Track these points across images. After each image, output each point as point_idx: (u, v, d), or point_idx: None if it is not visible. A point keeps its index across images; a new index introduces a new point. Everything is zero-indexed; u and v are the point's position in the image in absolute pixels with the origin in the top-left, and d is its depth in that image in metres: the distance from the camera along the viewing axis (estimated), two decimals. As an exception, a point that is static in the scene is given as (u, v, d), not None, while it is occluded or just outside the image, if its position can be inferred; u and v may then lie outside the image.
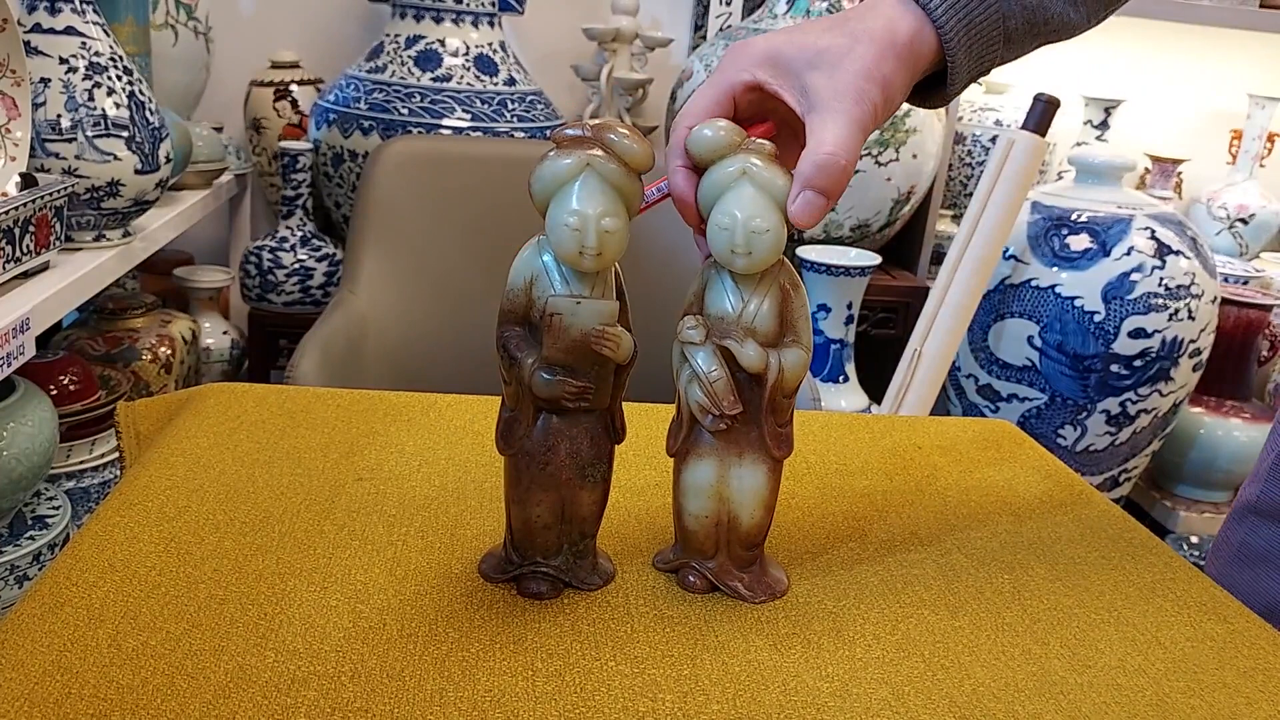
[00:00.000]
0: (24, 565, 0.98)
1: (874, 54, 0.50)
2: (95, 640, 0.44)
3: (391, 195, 1.27)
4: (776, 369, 0.49)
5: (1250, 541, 0.73)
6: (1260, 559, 0.72)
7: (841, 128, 0.48)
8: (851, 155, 0.49)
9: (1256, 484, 0.74)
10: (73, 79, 0.98)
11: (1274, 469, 0.72)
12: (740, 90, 0.51)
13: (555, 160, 0.46)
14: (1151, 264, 1.43)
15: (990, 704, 0.46)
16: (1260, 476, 0.73)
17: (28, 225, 0.87)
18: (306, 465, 0.63)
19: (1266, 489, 0.72)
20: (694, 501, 0.51)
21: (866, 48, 0.50)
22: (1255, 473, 0.75)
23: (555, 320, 0.47)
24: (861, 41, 0.50)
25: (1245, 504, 0.74)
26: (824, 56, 0.50)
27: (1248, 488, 0.75)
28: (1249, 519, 0.74)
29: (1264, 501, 0.72)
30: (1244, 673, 0.50)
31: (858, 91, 0.49)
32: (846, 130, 0.48)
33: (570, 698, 0.43)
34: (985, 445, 0.77)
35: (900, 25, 0.51)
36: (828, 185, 0.48)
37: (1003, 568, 0.58)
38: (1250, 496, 0.74)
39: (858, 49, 0.50)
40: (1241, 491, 0.76)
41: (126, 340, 1.37)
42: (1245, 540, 0.73)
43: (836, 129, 0.48)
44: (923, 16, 0.51)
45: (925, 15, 0.51)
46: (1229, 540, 0.75)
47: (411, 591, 0.50)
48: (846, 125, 0.48)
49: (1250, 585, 0.71)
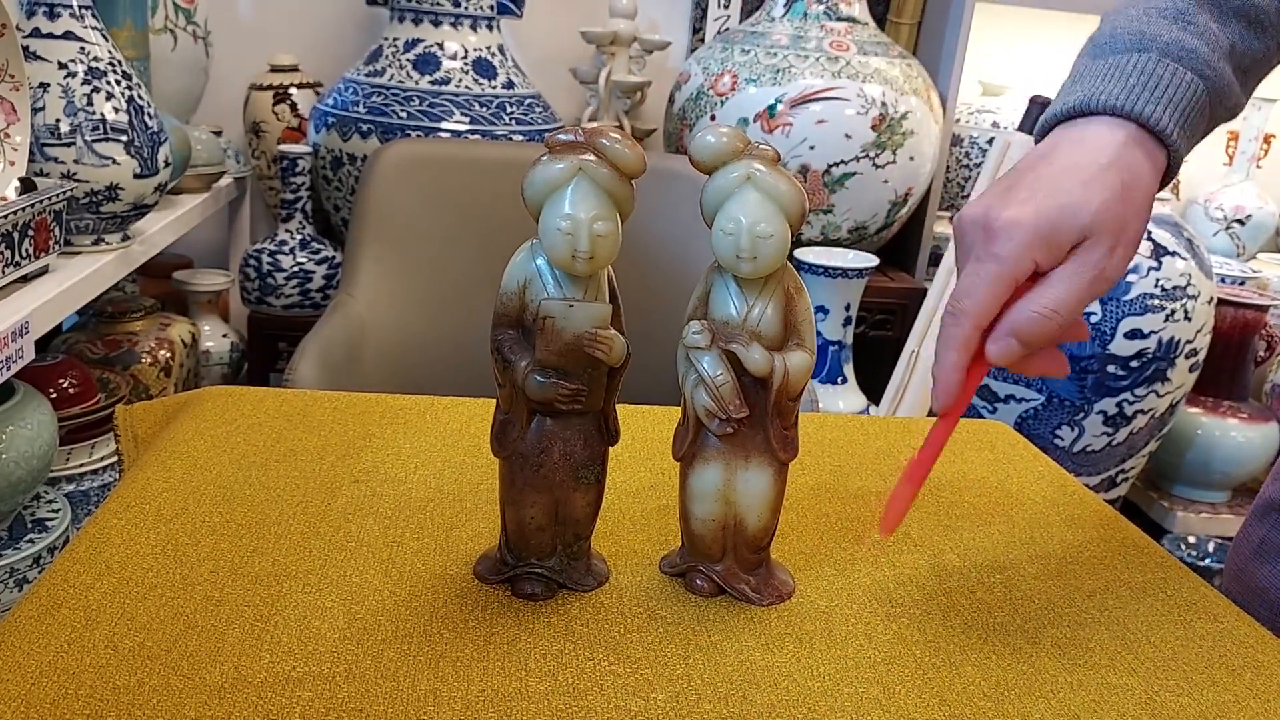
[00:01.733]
0: (23, 568, 0.99)
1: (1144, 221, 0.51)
2: (92, 641, 0.45)
3: (390, 198, 1.28)
4: (782, 372, 0.49)
5: (1270, 538, 0.73)
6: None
7: (1072, 292, 0.49)
8: (1069, 318, 0.50)
9: (1277, 481, 0.74)
10: (71, 84, 0.99)
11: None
12: (1025, 276, 0.50)
13: (548, 165, 0.46)
14: (1148, 265, 1.43)
15: (981, 703, 0.46)
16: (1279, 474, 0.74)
17: (27, 229, 0.87)
18: (303, 467, 0.63)
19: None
20: (701, 505, 0.52)
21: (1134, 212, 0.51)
22: (1276, 470, 0.76)
23: (548, 323, 0.47)
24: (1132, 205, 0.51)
25: (1266, 501, 0.75)
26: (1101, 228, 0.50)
27: (1269, 485, 0.76)
28: (1271, 515, 0.74)
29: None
30: (1233, 671, 0.50)
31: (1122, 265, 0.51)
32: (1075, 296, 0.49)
33: (563, 698, 0.44)
34: (979, 446, 0.77)
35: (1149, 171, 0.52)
36: (1033, 339, 0.49)
37: (994, 567, 0.59)
38: (1272, 494, 0.75)
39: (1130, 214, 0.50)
40: (1263, 489, 0.76)
41: (126, 343, 1.38)
42: (1266, 536, 0.73)
43: (1064, 290, 0.49)
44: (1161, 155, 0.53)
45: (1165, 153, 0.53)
46: (1249, 537, 0.75)
47: (406, 593, 0.51)
48: (1078, 291, 0.49)
49: (1270, 580, 0.72)
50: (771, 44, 1.59)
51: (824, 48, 1.58)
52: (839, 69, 1.55)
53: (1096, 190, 0.50)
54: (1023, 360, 0.50)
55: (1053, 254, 0.50)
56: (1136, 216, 0.51)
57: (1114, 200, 0.50)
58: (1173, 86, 0.53)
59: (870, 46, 1.60)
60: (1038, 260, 0.50)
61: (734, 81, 1.59)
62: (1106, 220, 0.50)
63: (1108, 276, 0.50)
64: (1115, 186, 0.50)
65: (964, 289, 0.50)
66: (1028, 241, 0.49)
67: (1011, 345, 0.49)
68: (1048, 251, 0.50)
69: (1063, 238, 0.49)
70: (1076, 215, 0.49)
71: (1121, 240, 0.50)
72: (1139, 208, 0.51)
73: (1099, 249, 0.49)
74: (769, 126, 1.55)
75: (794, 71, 1.55)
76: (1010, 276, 0.50)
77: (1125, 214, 0.50)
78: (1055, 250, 0.50)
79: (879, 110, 1.55)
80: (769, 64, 1.57)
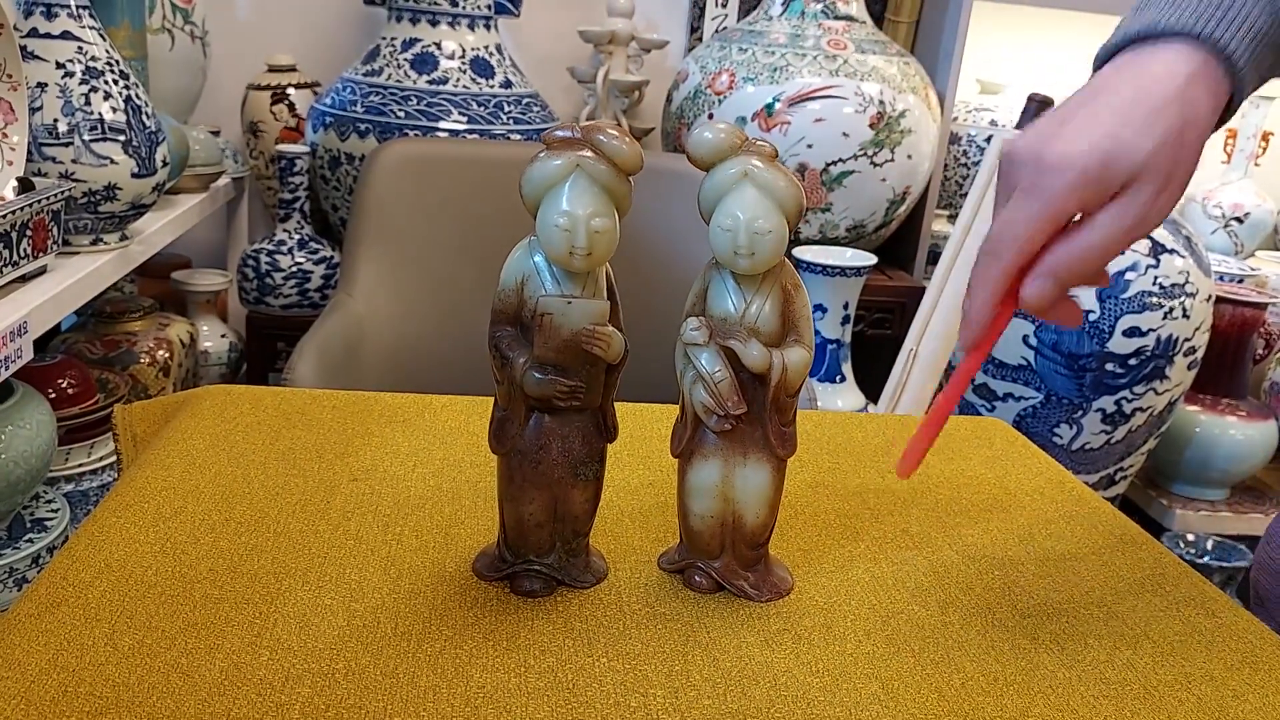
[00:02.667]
0: (23, 568, 0.99)
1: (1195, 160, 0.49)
2: (92, 639, 0.45)
3: (388, 198, 1.28)
4: (780, 368, 0.49)
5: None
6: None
7: (1115, 235, 0.48)
8: (1109, 260, 0.49)
9: None
10: (69, 83, 0.99)
11: None
12: (1070, 214, 0.48)
13: (545, 161, 0.46)
14: (1146, 263, 1.43)
15: (979, 698, 0.46)
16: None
17: (25, 229, 0.87)
18: (302, 466, 0.63)
19: None
20: (699, 502, 0.52)
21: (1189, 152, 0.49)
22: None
23: (546, 320, 0.47)
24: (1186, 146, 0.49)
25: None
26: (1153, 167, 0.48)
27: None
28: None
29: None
30: (1231, 666, 0.50)
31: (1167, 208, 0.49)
32: (1117, 240, 0.48)
33: (562, 694, 0.44)
34: (978, 443, 0.77)
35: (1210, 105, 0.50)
36: (1071, 281, 0.48)
37: (993, 563, 0.59)
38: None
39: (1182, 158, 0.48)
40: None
41: (124, 343, 1.38)
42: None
43: (1107, 233, 0.48)
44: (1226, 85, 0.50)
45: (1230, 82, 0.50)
46: (1276, 531, 0.76)
47: (405, 590, 0.51)
48: (1121, 235, 0.48)
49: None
50: (769, 43, 1.59)
51: (822, 46, 1.58)
52: (837, 67, 1.55)
53: (1156, 129, 0.48)
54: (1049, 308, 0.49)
55: (1101, 194, 0.48)
56: (1189, 159, 0.49)
57: (1170, 141, 0.48)
58: (1242, 8, 0.49)
59: (868, 45, 1.60)
60: (1085, 199, 0.48)
61: (732, 80, 1.59)
62: (1160, 162, 0.48)
63: (1151, 221, 0.49)
64: (1174, 126, 0.48)
65: (1006, 224, 0.49)
66: (1078, 180, 0.48)
67: (1048, 286, 0.48)
68: (1096, 192, 0.48)
69: (1114, 178, 0.48)
70: (1131, 155, 0.48)
71: (1170, 184, 0.48)
72: (1192, 149, 0.49)
73: (1146, 192, 0.48)
74: (767, 125, 1.55)
75: (792, 70, 1.55)
76: (1058, 214, 0.48)
77: (1179, 156, 0.48)
78: (1105, 190, 0.48)
79: (877, 109, 1.55)
80: (767, 63, 1.57)
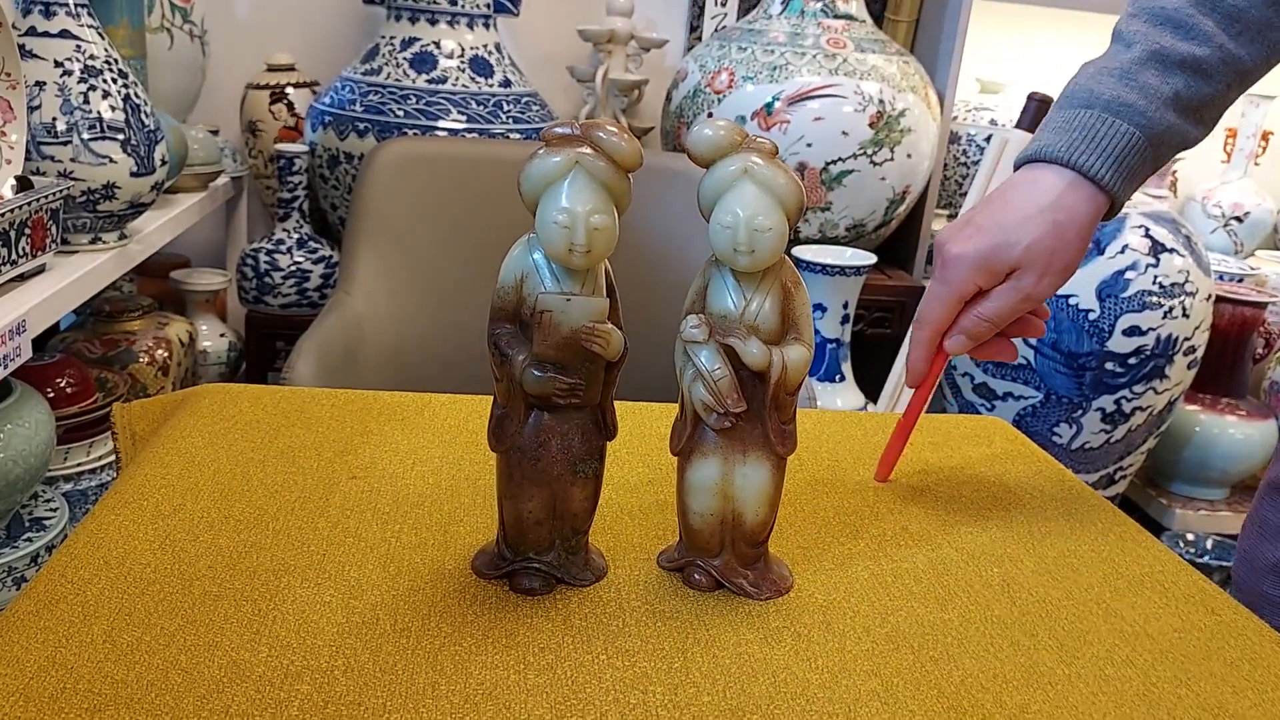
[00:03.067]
0: (21, 567, 0.99)
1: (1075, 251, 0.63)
2: (90, 636, 0.45)
3: (387, 197, 1.28)
4: (780, 366, 0.49)
5: (1269, 517, 0.75)
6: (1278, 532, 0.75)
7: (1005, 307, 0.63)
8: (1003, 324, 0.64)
9: (1277, 462, 0.78)
10: (68, 82, 0.98)
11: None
12: (969, 296, 0.64)
13: (544, 158, 0.46)
14: (1146, 262, 1.43)
15: (979, 695, 0.46)
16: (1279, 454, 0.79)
17: (23, 228, 0.87)
18: (300, 464, 0.63)
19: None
20: (699, 500, 0.52)
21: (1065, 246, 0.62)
22: (1277, 451, 0.80)
23: (546, 317, 0.47)
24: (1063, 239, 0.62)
25: (1269, 482, 0.79)
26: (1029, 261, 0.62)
27: (1273, 467, 0.79)
28: (1270, 495, 0.76)
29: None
30: (1230, 663, 0.50)
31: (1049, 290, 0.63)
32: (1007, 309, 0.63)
33: (561, 691, 0.44)
34: (978, 441, 0.77)
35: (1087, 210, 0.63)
36: (976, 337, 0.64)
37: (992, 561, 0.59)
38: (1273, 475, 0.77)
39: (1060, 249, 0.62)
40: (1268, 471, 0.80)
41: (123, 343, 1.37)
42: (1266, 516, 0.76)
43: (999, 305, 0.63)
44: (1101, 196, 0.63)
45: (1105, 194, 0.63)
46: (1254, 517, 0.79)
47: (404, 588, 0.51)
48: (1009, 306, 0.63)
49: (1270, 555, 0.73)
50: (769, 41, 1.59)
51: (821, 45, 1.58)
52: (836, 66, 1.55)
53: (1030, 229, 0.62)
54: (975, 350, 0.65)
55: (992, 279, 0.63)
56: (1067, 249, 0.62)
57: (1046, 236, 0.62)
58: (1109, 138, 0.63)
59: (867, 44, 1.60)
60: (980, 284, 0.63)
61: (731, 79, 1.59)
62: (1036, 254, 0.62)
63: (1034, 297, 0.63)
64: (1048, 225, 0.62)
65: (927, 301, 0.65)
66: (970, 271, 0.63)
67: (962, 341, 0.64)
68: (987, 278, 0.63)
69: (998, 268, 0.62)
70: (1010, 250, 0.62)
71: (1050, 269, 0.62)
72: (1070, 242, 0.62)
73: (1029, 276, 0.62)
74: (766, 124, 1.55)
75: (791, 69, 1.55)
76: (957, 297, 0.63)
77: (1056, 247, 0.62)
78: (993, 276, 0.63)
79: (876, 108, 1.55)
80: (766, 61, 1.57)
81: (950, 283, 0.63)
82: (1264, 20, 0.65)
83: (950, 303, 0.63)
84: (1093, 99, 0.64)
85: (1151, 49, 0.64)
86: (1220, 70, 0.65)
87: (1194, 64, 0.64)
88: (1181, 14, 0.64)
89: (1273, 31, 0.65)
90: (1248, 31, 0.65)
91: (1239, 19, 0.64)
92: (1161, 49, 0.64)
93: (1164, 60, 0.64)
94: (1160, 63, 0.64)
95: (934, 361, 0.66)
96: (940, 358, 0.65)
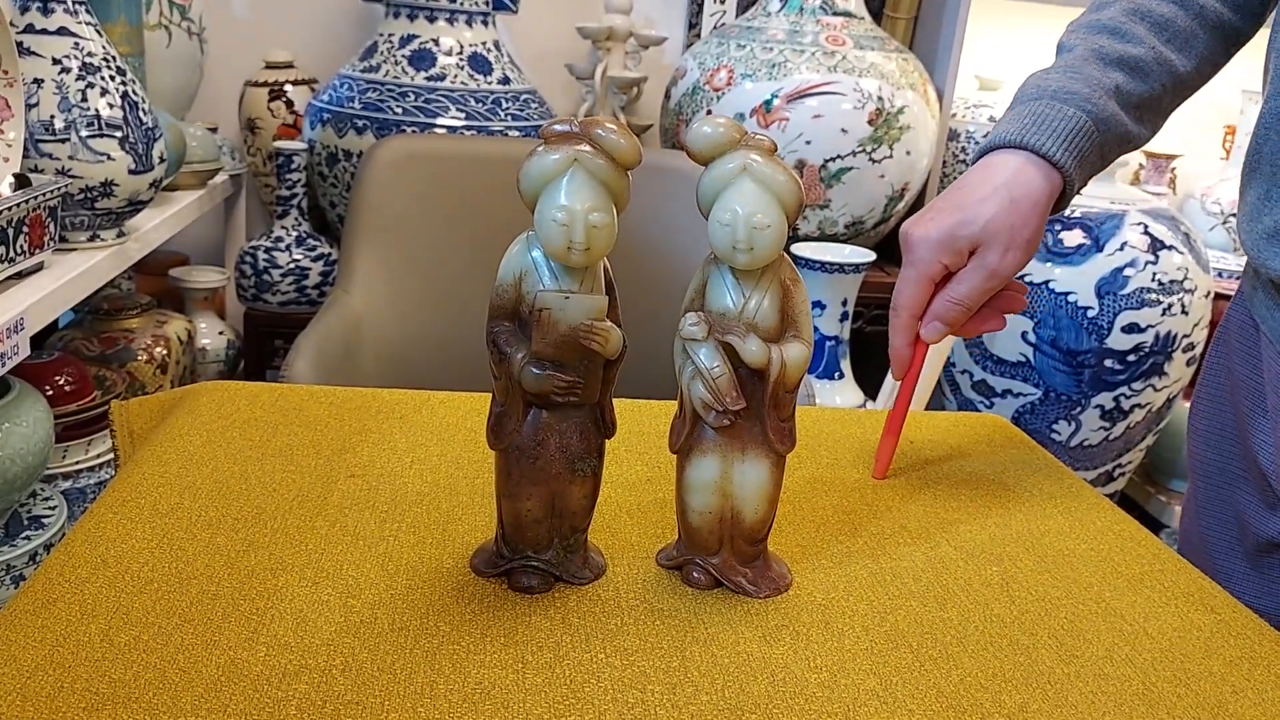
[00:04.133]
0: (20, 565, 0.98)
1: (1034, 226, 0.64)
2: (88, 635, 0.44)
3: (386, 195, 1.28)
4: (779, 364, 0.49)
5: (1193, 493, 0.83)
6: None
7: (973, 287, 0.64)
8: (975, 305, 0.65)
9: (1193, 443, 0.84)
10: (66, 79, 0.98)
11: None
12: (937, 276, 0.65)
13: (543, 156, 0.46)
14: (1145, 259, 1.43)
15: (978, 694, 0.46)
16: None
17: (22, 226, 0.87)
18: (299, 462, 0.63)
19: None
20: (697, 498, 0.51)
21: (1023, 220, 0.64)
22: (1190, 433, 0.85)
23: (544, 315, 0.47)
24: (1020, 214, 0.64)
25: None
26: (990, 236, 0.64)
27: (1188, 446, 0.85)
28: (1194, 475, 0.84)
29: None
30: (1230, 662, 0.50)
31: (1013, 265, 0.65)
32: (975, 290, 0.64)
33: (560, 690, 0.44)
34: (976, 440, 0.77)
35: (1042, 187, 0.65)
36: (951, 321, 0.65)
37: (991, 559, 0.59)
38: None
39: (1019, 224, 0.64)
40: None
41: (122, 340, 1.37)
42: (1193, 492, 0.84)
43: (967, 286, 0.64)
44: (1055, 173, 0.66)
45: (1057, 171, 0.66)
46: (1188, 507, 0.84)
47: (403, 586, 0.51)
48: (977, 286, 0.64)
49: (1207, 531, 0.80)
50: (767, 39, 1.59)
51: (820, 42, 1.57)
52: (835, 64, 1.55)
53: (988, 206, 0.64)
54: (961, 326, 0.66)
55: (956, 258, 0.64)
56: (1025, 224, 0.64)
57: (1002, 212, 0.64)
58: (1057, 120, 0.66)
59: (866, 41, 1.60)
60: (945, 264, 0.64)
61: (730, 76, 1.59)
62: (996, 229, 0.63)
63: (1000, 274, 0.64)
64: (1004, 201, 0.64)
65: (898, 288, 0.66)
66: (933, 252, 0.64)
67: (937, 326, 0.65)
68: (952, 257, 0.64)
69: (959, 246, 0.64)
70: (969, 227, 0.64)
71: (1012, 244, 0.64)
72: (1026, 216, 0.64)
73: (992, 253, 0.64)
74: (765, 121, 1.55)
75: (790, 66, 1.55)
76: (926, 278, 0.65)
77: (1014, 222, 0.64)
78: (957, 255, 0.64)
79: (875, 105, 1.55)
80: (765, 59, 1.57)
81: (917, 264, 0.65)
82: (1189, 31, 0.71)
83: (919, 284, 0.65)
84: (1041, 92, 0.68)
85: (1092, 49, 0.70)
86: (1156, 70, 0.70)
87: (1131, 62, 0.69)
88: (1116, 22, 0.71)
89: (1198, 43, 0.72)
90: (1176, 39, 0.71)
91: (1167, 28, 0.71)
92: (1101, 48, 0.69)
93: (1104, 58, 0.69)
94: (1101, 59, 0.69)
95: (916, 350, 0.67)
96: (921, 347, 0.67)
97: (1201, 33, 0.71)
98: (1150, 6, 0.71)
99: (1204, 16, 0.71)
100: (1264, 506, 0.73)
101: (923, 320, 0.66)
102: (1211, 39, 0.72)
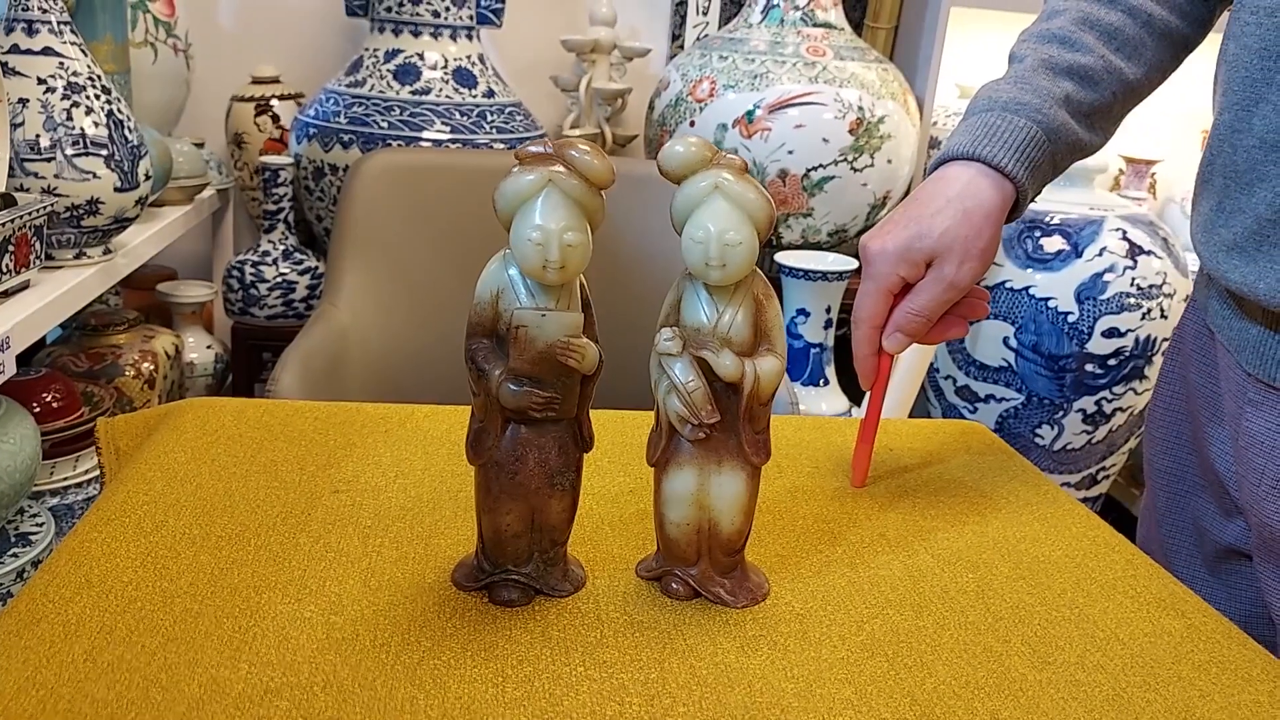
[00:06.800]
0: (7, 583, 0.99)
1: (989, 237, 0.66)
2: (71, 655, 0.45)
3: (372, 208, 1.28)
4: (752, 377, 0.50)
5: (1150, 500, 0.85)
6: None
7: (931, 298, 0.65)
8: (934, 316, 0.66)
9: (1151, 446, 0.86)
10: (51, 99, 0.99)
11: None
12: (896, 288, 0.66)
13: (518, 176, 0.47)
14: (1123, 264, 1.44)
15: (951, 701, 0.47)
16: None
17: (7, 245, 0.88)
18: (283, 478, 0.63)
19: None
20: (675, 510, 0.52)
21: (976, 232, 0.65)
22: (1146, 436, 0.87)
23: (521, 332, 0.48)
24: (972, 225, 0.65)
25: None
26: (945, 248, 0.65)
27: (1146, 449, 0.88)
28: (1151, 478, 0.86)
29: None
30: (1199, 666, 0.51)
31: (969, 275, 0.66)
32: (934, 301, 0.65)
33: (539, 703, 0.44)
34: (955, 447, 0.78)
35: (994, 198, 0.66)
36: (912, 332, 0.66)
37: (968, 567, 0.59)
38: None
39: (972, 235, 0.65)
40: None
41: (109, 356, 1.38)
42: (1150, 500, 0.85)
43: (925, 297, 0.65)
44: (1007, 183, 0.67)
45: (1010, 182, 0.67)
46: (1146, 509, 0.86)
47: (385, 601, 0.51)
48: (935, 297, 0.65)
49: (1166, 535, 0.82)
50: (749, 50, 1.60)
51: (801, 53, 1.59)
52: (816, 74, 1.56)
53: (942, 219, 0.65)
54: (924, 335, 0.67)
55: (913, 270, 0.65)
56: (979, 235, 0.65)
57: (956, 224, 0.65)
58: (1008, 131, 0.67)
59: (847, 51, 1.61)
60: (903, 276, 0.65)
61: (713, 87, 1.60)
62: (950, 241, 0.64)
63: (957, 285, 0.65)
64: (958, 213, 0.65)
65: (858, 302, 0.67)
66: (890, 264, 0.65)
67: (898, 338, 0.67)
68: (909, 269, 0.65)
69: (916, 258, 0.65)
70: (924, 240, 0.65)
71: (968, 255, 0.65)
72: (979, 227, 0.65)
73: (948, 265, 0.65)
74: (748, 132, 1.56)
75: (771, 77, 1.56)
76: (884, 291, 0.66)
77: (968, 234, 0.65)
78: (914, 267, 0.65)
79: (856, 114, 1.56)
80: (747, 70, 1.58)
81: (875, 278, 0.66)
82: (1138, 39, 0.72)
83: (879, 297, 0.66)
84: (992, 104, 0.69)
85: (1041, 59, 0.70)
86: (1106, 79, 0.71)
87: (1081, 71, 0.70)
88: (1065, 31, 0.71)
89: (1146, 51, 0.72)
90: (1125, 48, 0.72)
91: (1116, 36, 0.71)
92: (1050, 58, 0.70)
93: (1053, 68, 0.70)
94: (1050, 69, 0.70)
95: (881, 360, 0.68)
96: (885, 358, 0.68)
97: (1150, 40, 0.72)
98: (1099, 15, 0.72)
99: (1152, 25, 0.72)
100: (1221, 513, 0.74)
101: (884, 331, 0.67)
102: (1160, 46, 0.73)
